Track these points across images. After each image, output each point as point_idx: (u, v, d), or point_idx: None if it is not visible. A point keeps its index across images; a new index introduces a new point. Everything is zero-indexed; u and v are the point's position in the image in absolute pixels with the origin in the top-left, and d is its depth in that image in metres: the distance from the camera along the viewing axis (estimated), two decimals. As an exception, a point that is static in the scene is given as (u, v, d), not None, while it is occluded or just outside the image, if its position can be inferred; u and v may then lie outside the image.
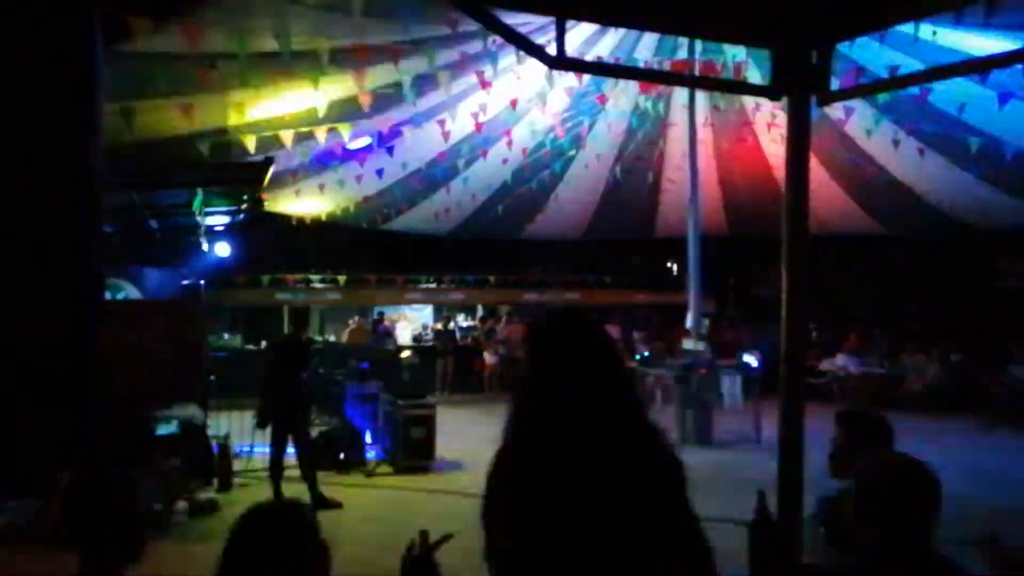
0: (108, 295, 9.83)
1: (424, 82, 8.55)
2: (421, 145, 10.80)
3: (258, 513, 1.90)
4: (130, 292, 10.31)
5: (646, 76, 6.20)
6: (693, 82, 7.71)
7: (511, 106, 10.03)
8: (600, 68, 4.13)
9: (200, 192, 8.22)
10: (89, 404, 4.41)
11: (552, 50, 2.49)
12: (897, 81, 3.41)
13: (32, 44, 4.18)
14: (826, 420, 3.02)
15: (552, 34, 2.40)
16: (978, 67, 2.98)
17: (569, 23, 4.12)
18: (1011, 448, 10.37)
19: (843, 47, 6.23)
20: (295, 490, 7.40)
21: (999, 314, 15.15)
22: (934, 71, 2.97)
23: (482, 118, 10.02)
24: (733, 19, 2.32)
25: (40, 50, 4.21)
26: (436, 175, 12.23)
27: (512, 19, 5.52)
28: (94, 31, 4.33)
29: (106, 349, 7.43)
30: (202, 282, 11.07)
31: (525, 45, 2.25)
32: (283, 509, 1.97)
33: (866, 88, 2.53)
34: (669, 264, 20.27)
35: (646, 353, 15.05)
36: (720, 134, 12.33)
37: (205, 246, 10.45)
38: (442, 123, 9.88)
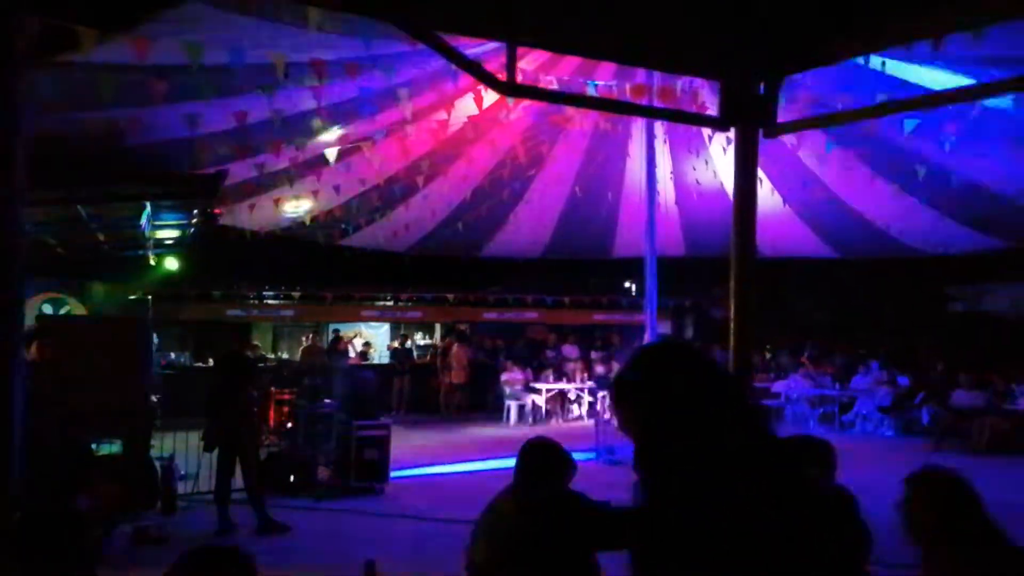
0: (50, 310, 9.50)
1: (383, 98, 8.47)
2: (380, 161, 10.71)
3: (198, 557, 1.85)
4: (74, 306, 9.98)
5: (600, 106, 6.24)
6: (647, 112, 7.82)
7: (472, 124, 10.00)
8: (553, 96, 4.11)
9: (148, 205, 8.01)
10: (11, 429, 4.21)
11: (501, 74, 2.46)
12: (844, 115, 3.46)
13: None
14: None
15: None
16: (924, 103, 3.04)
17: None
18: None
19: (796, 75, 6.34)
20: (242, 513, 7.21)
21: (947, 339, 15.57)
22: (880, 107, 3.02)
23: (442, 135, 9.98)
24: (683, 51, 2.32)
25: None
26: (395, 191, 12.12)
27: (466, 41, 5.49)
28: (11, 38, 4.18)
29: (45, 367, 7.18)
30: (150, 297, 10.79)
31: (476, 72, 2.22)
32: (223, 555, 1.91)
33: (812, 121, 2.56)
34: (627, 284, 20.41)
35: (603, 373, 15.09)
36: (677, 155, 12.47)
37: (153, 260, 10.18)
38: (402, 139, 9.82)
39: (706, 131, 11.15)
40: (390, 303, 18.42)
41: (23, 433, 2.47)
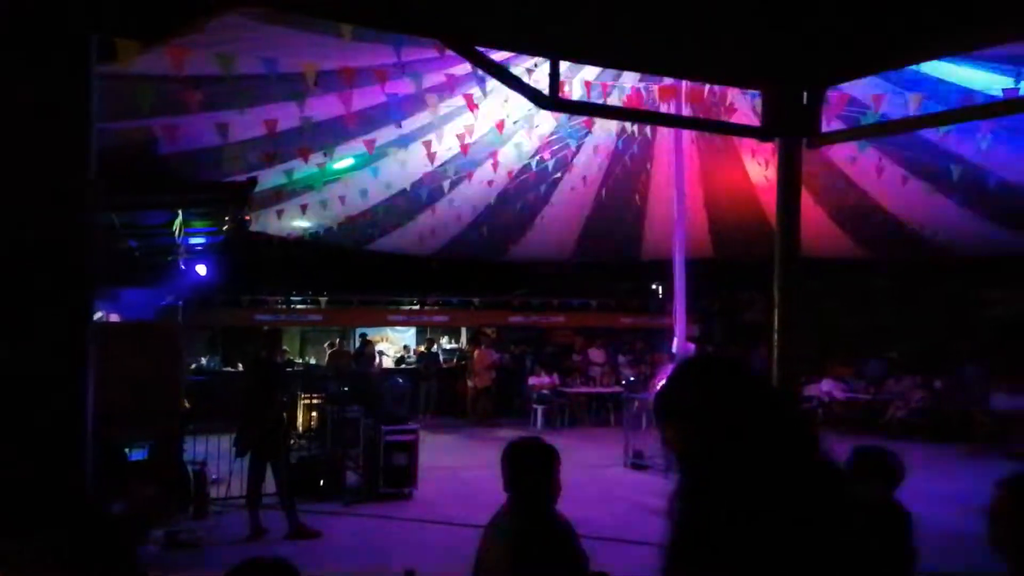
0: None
1: (410, 103, 8.50)
2: (406, 166, 10.75)
3: (247, 570, 1.88)
4: (107, 312, 10.13)
5: (639, 118, 6.19)
6: (686, 123, 7.75)
7: (497, 128, 10.00)
8: (593, 109, 4.10)
9: (180, 212, 8.10)
10: (85, 432, 4.32)
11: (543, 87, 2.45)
12: (892, 125, 3.38)
13: (27, 70, 4.12)
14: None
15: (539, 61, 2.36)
16: (981, 113, 2.96)
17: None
18: (993, 477, 10.36)
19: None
20: (272, 518, 7.25)
21: (984, 342, 15.28)
22: (933, 117, 2.94)
23: (468, 140, 9.98)
24: (724, 61, 2.28)
25: (34, 75, 4.15)
26: (421, 196, 12.15)
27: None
28: (89, 56, 4.28)
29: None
30: (180, 303, 10.93)
31: (519, 87, 2.21)
32: (271, 568, 1.94)
33: (859, 131, 2.50)
34: (654, 287, 20.29)
35: (631, 377, 15.01)
36: (706, 156, 12.36)
37: (184, 266, 10.31)
38: (428, 144, 9.84)
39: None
40: (416, 307, 18.48)
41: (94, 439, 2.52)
